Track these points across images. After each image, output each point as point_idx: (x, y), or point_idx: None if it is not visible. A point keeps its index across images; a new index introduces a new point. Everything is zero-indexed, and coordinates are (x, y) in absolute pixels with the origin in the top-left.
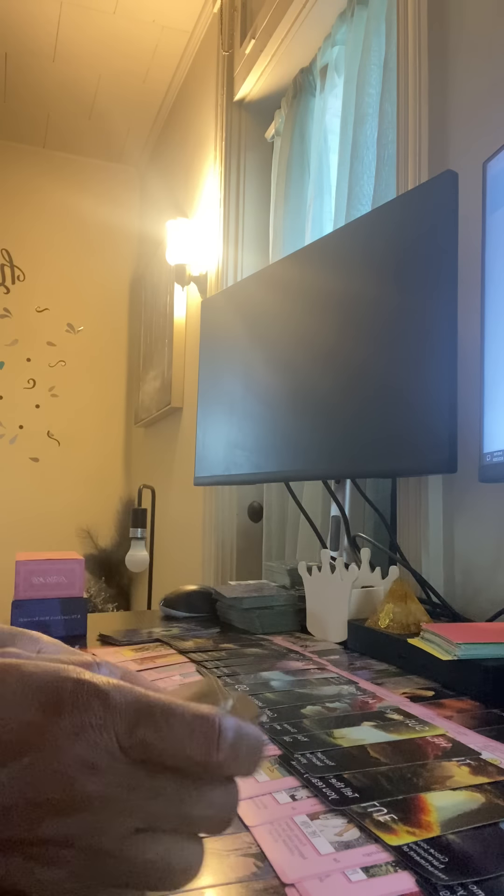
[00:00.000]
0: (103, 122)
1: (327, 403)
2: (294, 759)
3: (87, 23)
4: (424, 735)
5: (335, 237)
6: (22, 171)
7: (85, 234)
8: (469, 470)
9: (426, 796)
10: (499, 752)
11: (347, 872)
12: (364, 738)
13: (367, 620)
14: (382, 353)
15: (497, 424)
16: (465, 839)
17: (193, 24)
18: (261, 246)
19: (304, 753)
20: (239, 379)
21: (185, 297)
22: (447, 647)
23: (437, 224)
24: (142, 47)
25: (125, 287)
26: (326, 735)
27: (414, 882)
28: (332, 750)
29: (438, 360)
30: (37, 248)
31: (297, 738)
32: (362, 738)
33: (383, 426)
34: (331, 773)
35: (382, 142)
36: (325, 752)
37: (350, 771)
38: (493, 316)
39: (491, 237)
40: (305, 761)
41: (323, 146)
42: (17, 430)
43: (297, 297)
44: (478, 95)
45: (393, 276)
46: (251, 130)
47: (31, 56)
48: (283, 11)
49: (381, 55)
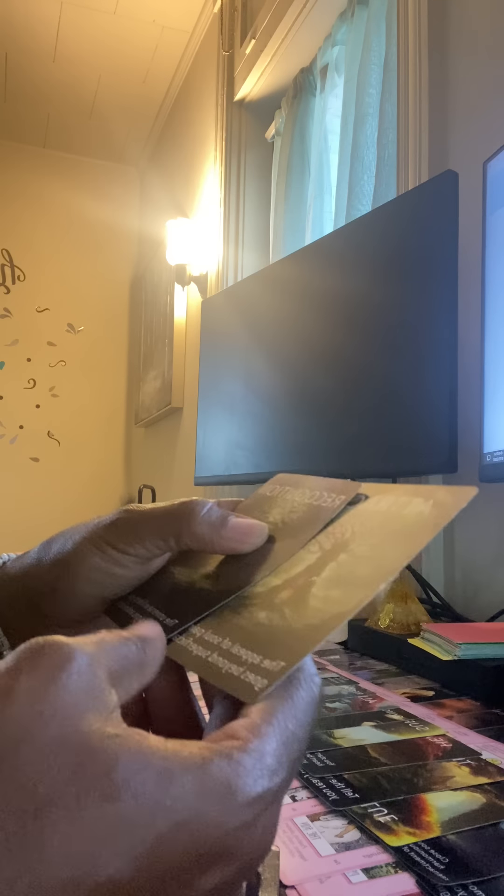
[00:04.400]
0: (103, 122)
1: (327, 403)
2: None
3: (87, 23)
4: (425, 735)
5: (335, 237)
6: (22, 171)
7: (85, 234)
8: (469, 470)
9: (426, 797)
10: (499, 752)
11: (348, 874)
12: (364, 739)
13: (367, 620)
14: (382, 353)
15: (497, 424)
16: (466, 840)
17: (193, 24)
18: (261, 246)
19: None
20: (239, 379)
21: (185, 297)
22: (447, 647)
23: (437, 224)
24: (142, 47)
25: (125, 287)
26: (327, 735)
27: (414, 883)
28: (332, 750)
29: (438, 359)
30: (37, 248)
31: None
32: (362, 739)
33: (383, 426)
34: (331, 774)
35: (382, 142)
36: (326, 753)
37: (350, 771)
38: (493, 316)
39: (491, 237)
40: (305, 762)
41: (323, 146)
42: (18, 430)
43: (298, 297)
44: (478, 95)
45: (393, 276)
46: (251, 130)
47: (31, 56)
48: (284, 11)
49: (382, 55)
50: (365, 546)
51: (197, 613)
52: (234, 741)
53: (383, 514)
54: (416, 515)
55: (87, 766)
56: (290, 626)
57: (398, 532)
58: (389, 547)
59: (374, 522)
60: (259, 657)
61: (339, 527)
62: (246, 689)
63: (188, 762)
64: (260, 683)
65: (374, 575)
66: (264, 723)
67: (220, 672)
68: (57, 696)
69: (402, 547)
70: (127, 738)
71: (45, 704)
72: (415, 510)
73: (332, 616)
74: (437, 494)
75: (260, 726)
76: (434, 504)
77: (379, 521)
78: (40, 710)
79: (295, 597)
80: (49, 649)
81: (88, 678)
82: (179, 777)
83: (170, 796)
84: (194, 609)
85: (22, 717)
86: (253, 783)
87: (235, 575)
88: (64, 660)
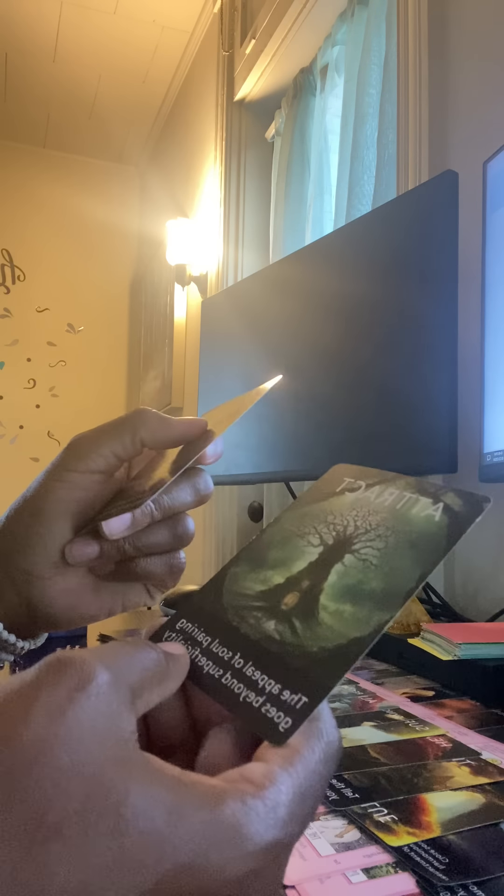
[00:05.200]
0: (103, 122)
1: (327, 403)
2: None
3: (87, 23)
4: (425, 735)
5: (335, 237)
6: (22, 171)
7: (85, 233)
8: (469, 470)
9: (426, 797)
10: (499, 753)
11: (348, 874)
12: (364, 739)
13: None
14: (382, 353)
15: (497, 424)
16: (466, 840)
17: (193, 24)
18: (261, 246)
19: None
20: (239, 379)
21: (185, 297)
22: (447, 647)
23: (437, 224)
24: (142, 47)
25: (125, 287)
26: None
27: (414, 883)
28: None
29: (438, 359)
30: (37, 248)
31: None
32: (362, 739)
33: (383, 426)
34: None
35: (382, 142)
36: None
37: (350, 771)
38: (493, 316)
39: (491, 237)
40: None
41: (323, 146)
42: (18, 430)
43: (298, 297)
44: (478, 95)
45: (393, 276)
46: (251, 130)
47: (31, 56)
48: (284, 11)
49: (382, 55)
50: (371, 549)
51: (160, 486)
52: (250, 786)
53: (388, 511)
54: (426, 522)
55: (97, 797)
56: (304, 646)
57: (408, 542)
58: (400, 558)
59: (379, 519)
60: (277, 686)
61: (339, 517)
62: (269, 728)
63: (201, 801)
64: (284, 723)
65: (387, 593)
66: (283, 771)
67: (237, 699)
68: (74, 719)
69: (415, 563)
70: (141, 769)
71: (61, 727)
72: (423, 513)
73: (350, 641)
74: (446, 498)
75: (278, 775)
76: (444, 510)
77: (384, 518)
78: (56, 732)
79: (302, 605)
80: (71, 666)
81: (108, 700)
82: (190, 816)
83: (178, 835)
84: (158, 485)
85: (38, 738)
86: (264, 831)
87: (183, 456)
88: (85, 679)
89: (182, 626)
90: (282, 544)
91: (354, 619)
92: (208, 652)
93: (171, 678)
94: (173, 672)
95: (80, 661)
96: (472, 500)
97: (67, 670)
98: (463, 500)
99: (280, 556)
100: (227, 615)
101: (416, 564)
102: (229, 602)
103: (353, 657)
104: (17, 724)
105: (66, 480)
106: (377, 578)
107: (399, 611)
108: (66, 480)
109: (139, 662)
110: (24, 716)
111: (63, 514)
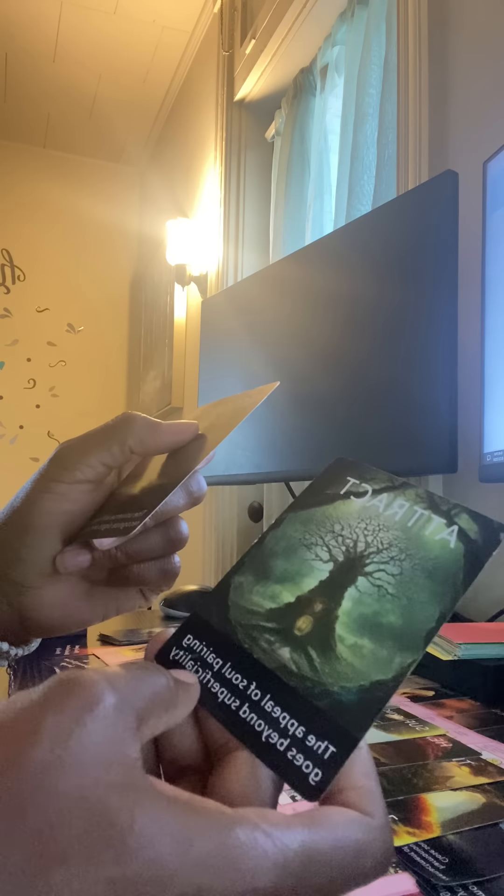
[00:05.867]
0: (103, 122)
1: (327, 403)
2: None
3: (87, 23)
4: (425, 735)
5: (335, 237)
6: (22, 171)
7: (85, 233)
8: (469, 470)
9: (426, 797)
10: (499, 753)
11: None
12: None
13: None
14: (382, 353)
15: (497, 424)
16: (466, 840)
17: (193, 24)
18: (261, 246)
19: None
20: (239, 379)
21: (185, 297)
22: (447, 647)
23: (437, 224)
24: (142, 47)
25: (125, 287)
26: None
27: (414, 883)
28: None
29: (438, 359)
30: (37, 248)
31: None
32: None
33: (383, 426)
34: None
35: (382, 142)
36: None
37: None
38: (493, 316)
39: (491, 237)
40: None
41: (323, 146)
42: (18, 430)
43: (298, 297)
44: (478, 95)
45: (393, 276)
46: (251, 130)
47: (31, 56)
48: (284, 11)
49: (382, 55)
50: (386, 574)
51: (157, 502)
52: (264, 821)
53: (400, 528)
54: (441, 549)
55: (102, 825)
56: (325, 683)
57: (424, 570)
58: (417, 590)
59: (391, 538)
60: (301, 729)
61: (347, 529)
62: (299, 780)
63: (209, 829)
64: (314, 775)
65: (406, 630)
66: (304, 828)
67: (259, 737)
68: (80, 743)
69: (433, 598)
70: (147, 796)
71: (67, 751)
72: (437, 536)
73: (372, 685)
74: (461, 521)
75: (295, 825)
76: (459, 536)
77: (395, 537)
78: (61, 755)
79: (318, 632)
80: (78, 688)
81: (114, 724)
82: (197, 845)
83: (183, 865)
84: (153, 499)
85: (43, 762)
86: (267, 870)
87: (178, 466)
88: (92, 702)
89: (189, 643)
90: (287, 554)
91: (375, 659)
92: (221, 677)
93: (180, 706)
94: (182, 700)
95: (87, 683)
96: (488, 528)
97: (74, 691)
98: (478, 525)
99: (287, 569)
100: (236, 634)
101: (434, 600)
102: (237, 619)
103: (378, 704)
104: (22, 746)
105: (54, 491)
106: (395, 612)
107: (421, 654)
108: (53, 491)
109: (147, 687)
110: (30, 738)
111: (52, 526)
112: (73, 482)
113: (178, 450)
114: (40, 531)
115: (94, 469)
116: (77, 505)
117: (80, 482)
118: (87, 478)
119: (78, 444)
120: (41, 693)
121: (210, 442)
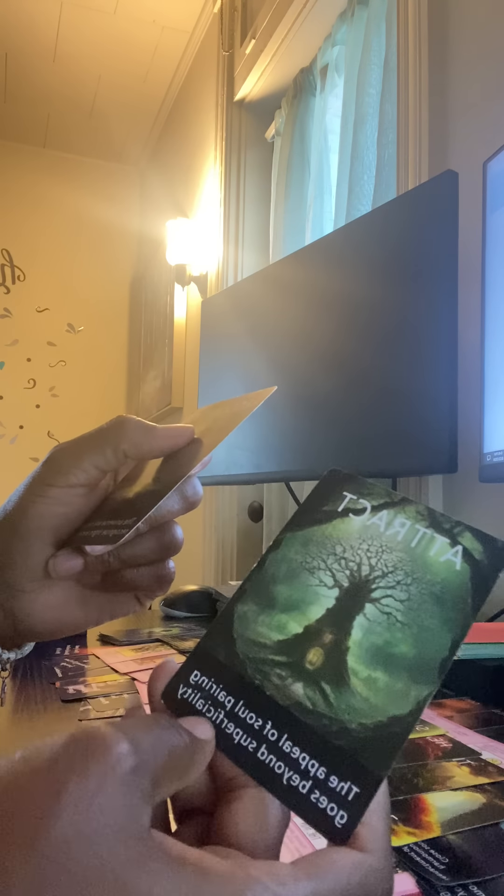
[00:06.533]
0: (103, 122)
1: (327, 403)
2: None
3: (87, 23)
4: (425, 735)
5: (335, 237)
6: (22, 171)
7: (85, 233)
8: (469, 470)
9: (426, 797)
10: (499, 753)
11: None
12: None
13: None
14: (382, 353)
15: (497, 424)
16: (466, 840)
17: (193, 24)
18: (261, 246)
19: None
20: (239, 379)
21: (185, 297)
22: None
23: (437, 224)
24: (142, 47)
25: (125, 287)
26: None
27: (414, 883)
28: None
29: (438, 359)
30: (37, 248)
31: None
32: None
33: (383, 426)
34: None
35: (382, 142)
36: None
37: None
38: (493, 316)
39: (491, 237)
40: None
41: (323, 146)
42: (18, 430)
43: (298, 297)
44: (478, 95)
45: (393, 276)
46: (251, 130)
47: (31, 56)
48: (284, 11)
49: (382, 55)
50: (393, 600)
51: (149, 507)
52: (273, 880)
53: (403, 550)
54: (447, 571)
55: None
56: (342, 720)
57: (432, 595)
58: (427, 616)
59: (395, 560)
60: (322, 770)
61: (349, 551)
62: (325, 823)
63: (221, 893)
64: (339, 818)
65: (420, 661)
66: (309, 879)
67: (280, 781)
68: (101, 812)
69: (444, 625)
70: (161, 864)
71: (87, 824)
72: (441, 558)
73: (389, 720)
74: (464, 540)
75: (301, 878)
76: (464, 557)
77: (400, 559)
78: (81, 830)
79: (330, 665)
80: (101, 749)
81: (130, 791)
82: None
83: None
84: (146, 505)
85: (66, 839)
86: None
87: (173, 470)
88: (114, 765)
89: (197, 679)
90: (290, 579)
91: (390, 692)
92: (234, 717)
93: (194, 768)
94: (197, 761)
95: (109, 743)
96: (493, 547)
97: (97, 753)
98: (482, 544)
99: (291, 596)
100: (245, 670)
101: (445, 626)
102: (245, 652)
103: (398, 741)
104: (46, 820)
105: (47, 496)
106: (406, 641)
107: (437, 686)
108: (46, 496)
109: (165, 747)
110: (53, 807)
111: (44, 530)
112: (67, 486)
113: (173, 453)
114: (32, 534)
115: (87, 473)
116: (70, 509)
117: (74, 486)
118: (80, 482)
119: (71, 447)
120: (63, 750)
121: (206, 446)
